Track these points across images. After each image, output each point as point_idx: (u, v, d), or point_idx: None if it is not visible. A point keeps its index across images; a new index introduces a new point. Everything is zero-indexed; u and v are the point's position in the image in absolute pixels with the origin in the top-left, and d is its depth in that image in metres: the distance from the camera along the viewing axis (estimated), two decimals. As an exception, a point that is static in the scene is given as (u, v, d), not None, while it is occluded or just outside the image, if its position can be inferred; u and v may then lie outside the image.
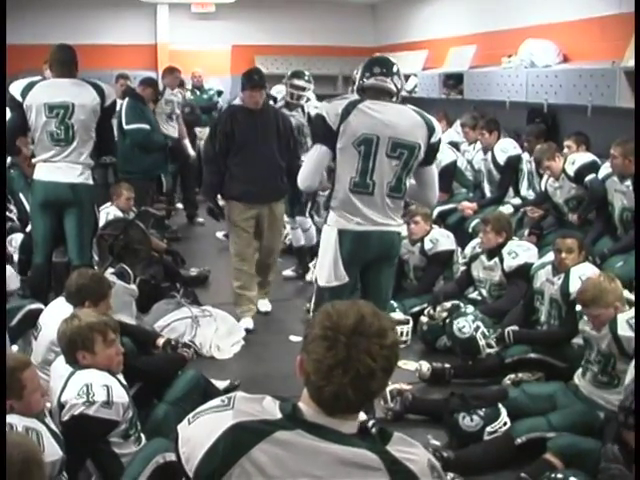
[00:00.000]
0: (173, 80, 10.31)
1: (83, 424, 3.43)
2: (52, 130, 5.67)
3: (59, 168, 5.71)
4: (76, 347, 3.63)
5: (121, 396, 3.56)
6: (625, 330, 4.33)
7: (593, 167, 6.63)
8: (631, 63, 6.75)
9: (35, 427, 3.07)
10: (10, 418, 2.99)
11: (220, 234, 9.64)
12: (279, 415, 1.99)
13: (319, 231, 5.17)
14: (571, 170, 6.77)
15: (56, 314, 4.32)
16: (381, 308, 4.67)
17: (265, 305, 7.09)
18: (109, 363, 3.69)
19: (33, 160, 5.91)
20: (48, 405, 3.50)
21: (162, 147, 9.29)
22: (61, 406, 3.47)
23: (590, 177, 6.61)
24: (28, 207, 6.86)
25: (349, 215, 4.54)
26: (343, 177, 4.52)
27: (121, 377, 3.78)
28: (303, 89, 8.49)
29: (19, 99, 5.68)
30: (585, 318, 4.71)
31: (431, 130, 4.54)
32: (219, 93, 13.02)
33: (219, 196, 6.78)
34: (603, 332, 4.46)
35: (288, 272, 8.17)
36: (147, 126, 8.88)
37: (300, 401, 2.03)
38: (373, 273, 4.75)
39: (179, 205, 11.34)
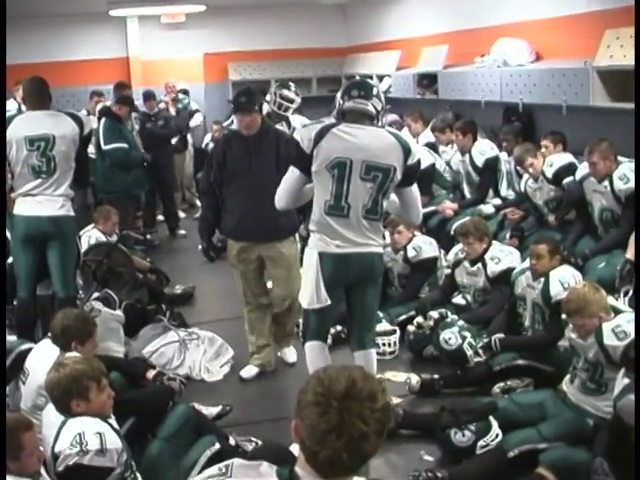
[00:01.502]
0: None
1: (78, 474, 3.44)
2: (34, 163, 5.66)
3: (39, 202, 5.70)
4: (71, 396, 3.62)
5: (114, 442, 3.56)
6: (611, 339, 4.36)
7: (570, 169, 6.65)
8: (603, 63, 6.77)
9: None
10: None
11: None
12: None
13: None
14: (549, 172, 6.80)
15: (43, 357, 4.33)
16: (367, 327, 4.74)
17: (291, 355, 6.36)
18: (102, 408, 3.69)
19: (12, 195, 5.88)
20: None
21: (141, 163, 9.28)
22: (55, 457, 3.47)
23: (568, 180, 6.64)
24: (9, 235, 6.84)
25: (328, 238, 4.58)
26: (319, 200, 4.57)
27: (113, 421, 3.78)
28: (292, 101, 8.51)
29: None
30: (570, 326, 4.74)
31: (407, 152, 4.54)
32: (184, 92, 12.97)
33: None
34: (589, 341, 4.49)
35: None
36: (125, 145, 8.90)
37: (296, 465, 2.05)
38: (357, 294, 4.79)
39: (160, 217, 11.31)
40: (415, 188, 4.78)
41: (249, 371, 6.14)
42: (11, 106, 10.30)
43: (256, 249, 5.88)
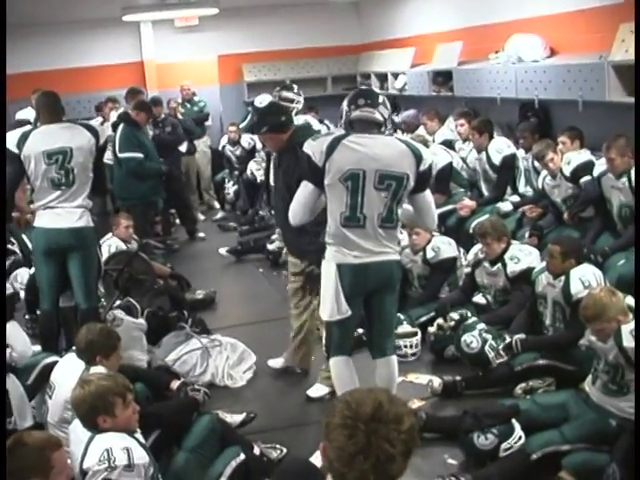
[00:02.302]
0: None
1: (107, 489, 3.48)
2: (53, 176, 5.73)
3: (58, 215, 5.77)
4: (97, 413, 3.65)
5: (142, 457, 3.59)
6: (630, 341, 4.35)
7: (588, 167, 6.65)
8: (618, 57, 6.75)
9: None
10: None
11: (223, 250, 9.70)
12: None
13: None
14: (567, 170, 6.80)
15: (69, 372, 4.38)
16: (387, 334, 4.74)
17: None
18: (128, 423, 3.73)
19: (32, 206, 5.95)
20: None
21: (157, 174, 9.31)
22: (83, 473, 3.51)
23: (585, 179, 6.64)
24: (30, 244, 6.92)
25: (345, 249, 4.58)
26: (334, 212, 4.57)
27: (139, 435, 3.82)
28: (292, 101, 8.51)
29: (15, 151, 5.73)
30: (589, 329, 4.74)
31: (419, 159, 4.56)
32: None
33: None
34: (609, 344, 4.48)
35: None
36: (140, 155, 8.93)
37: None
38: (376, 302, 4.79)
39: (177, 221, 11.37)
40: (428, 193, 4.78)
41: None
42: (29, 114, 10.37)
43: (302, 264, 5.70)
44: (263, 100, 10.26)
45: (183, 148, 11.72)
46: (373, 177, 4.47)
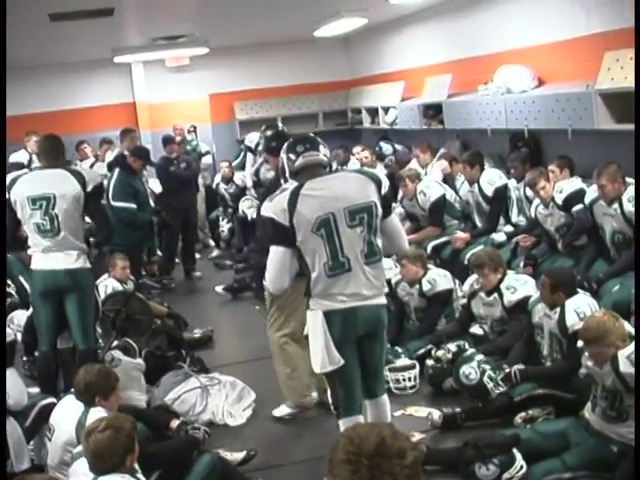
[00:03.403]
0: (131, 142, 10.21)
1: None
2: (38, 222, 5.75)
3: (56, 257, 5.78)
4: (127, 454, 3.68)
5: None
6: (627, 367, 4.35)
7: (580, 195, 6.68)
8: (605, 85, 6.83)
9: None
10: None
11: (219, 288, 9.71)
12: None
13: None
14: (559, 199, 6.84)
15: (68, 414, 4.39)
16: (377, 378, 4.63)
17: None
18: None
19: (29, 251, 5.96)
20: None
21: (148, 225, 9.32)
22: (89, 516, 3.51)
23: (577, 208, 6.68)
24: (28, 288, 6.92)
25: (333, 295, 4.40)
26: (316, 266, 4.38)
27: (140, 475, 3.82)
28: None
29: (7, 195, 5.77)
30: (587, 354, 4.75)
31: (378, 183, 4.47)
32: (193, 129, 13.29)
33: None
34: (605, 369, 4.49)
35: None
36: (133, 205, 8.83)
37: None
38: (366, 348, 4.59)
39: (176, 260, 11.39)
40: (394, 216, 4.71)
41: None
42: (22, 157, 10.46)
43: None
44: (252, 139, 10.37)
45: (208, 160, 12.66)
46: (344, 216, 4.33)
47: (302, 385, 6.09)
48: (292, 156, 4.54)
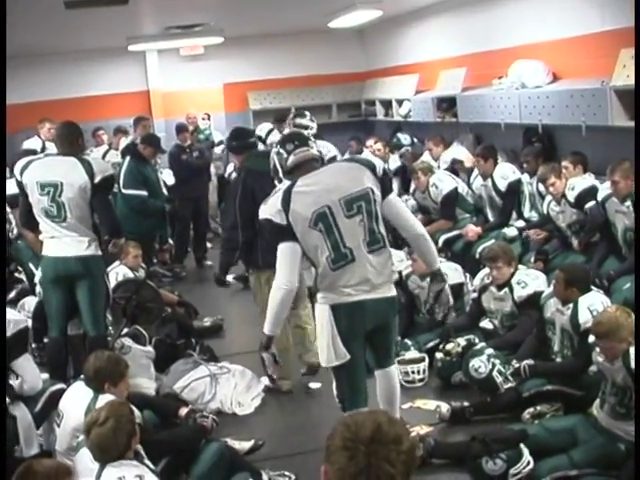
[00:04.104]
0: (142, 129, 10.36)
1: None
2: (45, 207, 5.77)
3: (66, 243, 5.80)
4: (131, 438, 3.72)
5: None
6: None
7: (592, 192, 6.67)
8: (620, 82, 6.80)
9: None
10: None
11: (230, 277, 9.70)
12: None
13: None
14: (571, 196, 6.82)
15: (77, 400, 4.41)
16: (388, 356, 4.58)
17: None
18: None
19: (40, 236, 5.98)
20: None
21: (160, 212, 9.35)
22: (98, 502, 3.53)
23: (590, 204, 6.66)
24: (37, 275, 6.95)
25: (340, 288, 4.41)
26: (320, 259, 4.39)
27: (148, 462, 3.84)
28: (306, 127, 8.63)
29: (19, 179, 5.81)
30: (597, 349, 4.74)
31: (372, 168, 4.47)
32: (208, 117, 13.27)
33: None
34: (616, 365, 4.49)
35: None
36: (144, 192, 8.89)
37: None
38: (378, 337, 4.66)
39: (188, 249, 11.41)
40: (395, 196, 4.69)
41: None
42: (35, 144, 10.46)
43: None
44: (263, 128, 10.36)
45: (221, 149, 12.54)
46: (340, 207, 4.34)
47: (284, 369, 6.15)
48: (284, 155, 4.59)
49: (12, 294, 7.45)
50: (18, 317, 5.06)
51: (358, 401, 4.56)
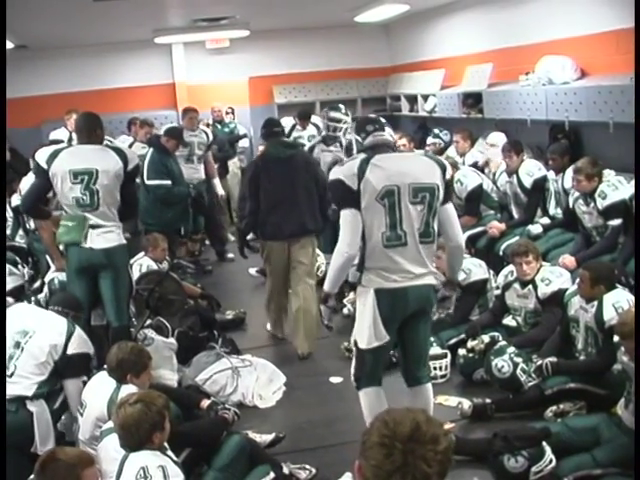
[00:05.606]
0: (188, 122, 10.44)
1: (144, 507, 3.50)
2: (77, 196, 5.77)
3: (91, 233, 5.80)
4: (154, 430, 3.73)
5: (176, 474, 3.64)
6: (665, 364, 4.32)
7: (621, 208, 6.63)
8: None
9: None
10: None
11: (253, 270, 9.71)
12: None
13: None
14: (601, 204, 6.73)
15: (100, 390, 4.43)
16: (421, 363, 4.67)
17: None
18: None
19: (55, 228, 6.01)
20: None
21: (185, 198, 9.41)
22: (120, 491, 3.54)
23: (615, 223, 6.67)
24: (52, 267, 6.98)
25: (385, 273, 4.51)
26: (374, 234, 4.49)
27: (170, 452, 3.85)
28: (339, 121, 8.67)
29: (44, 167, 5.80)
30: (622, 348, 4.70)
31: (443, 168, 4.63)
32: (232, 111, 13.36)
33: None
34: (641, 365, 4.45)
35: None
36: (168, 182, 9.00)
37: None
38: (411, 328, 4.73)
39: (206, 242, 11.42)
40: (452, 205, 4.78)
41: None
42: (62, 134, 10.50)
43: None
44: (286, 123, 10.36)
45: (245, 143, 12.99)
46: (408, 191, 4.46)
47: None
48: (362, 135, 4.75)
49: (37, 283, 7.44)
50: (85, 339, 5.11)
51: (376, 378, 4.78)
